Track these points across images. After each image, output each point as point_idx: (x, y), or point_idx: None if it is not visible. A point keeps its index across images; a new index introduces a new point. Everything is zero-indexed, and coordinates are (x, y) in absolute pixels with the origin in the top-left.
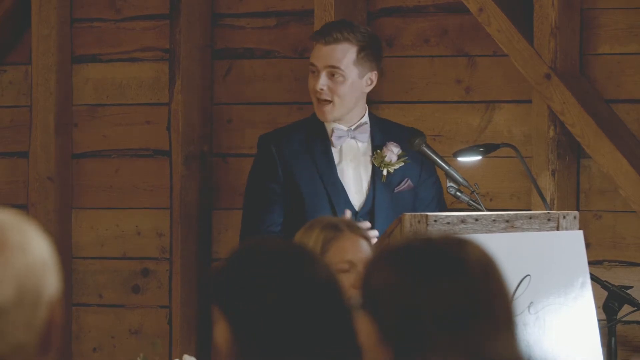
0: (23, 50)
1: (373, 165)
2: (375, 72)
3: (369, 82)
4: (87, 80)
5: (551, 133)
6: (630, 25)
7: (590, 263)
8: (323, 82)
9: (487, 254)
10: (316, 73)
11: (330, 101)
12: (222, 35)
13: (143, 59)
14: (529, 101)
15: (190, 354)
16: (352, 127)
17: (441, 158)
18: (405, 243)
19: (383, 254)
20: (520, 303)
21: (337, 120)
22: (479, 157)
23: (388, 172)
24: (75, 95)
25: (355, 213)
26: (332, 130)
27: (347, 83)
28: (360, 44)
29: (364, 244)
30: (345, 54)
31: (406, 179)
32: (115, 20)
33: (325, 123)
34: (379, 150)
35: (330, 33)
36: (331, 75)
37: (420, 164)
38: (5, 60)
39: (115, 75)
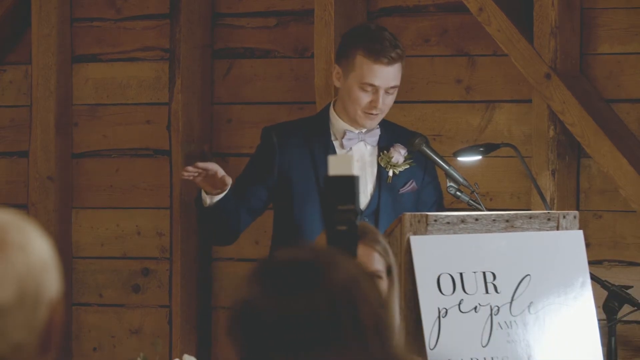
0: (23, 50)
1: (378, 166)
2: None
3: None
4: (87, 80)
5: (551, 133)
6: (630, 25)
7: (590, 263)
8: (385, 101)
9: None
10: (372, 91)
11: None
12: (222, 35)
13: (143, 58)
14: (529, 101)
15: (190, 354)
16: (364, 131)
17: (441, 158)
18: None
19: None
20: (520, 303)
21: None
22: (479, 157)
23: (394, 173)
24: (75, 95)
25: (359, 213)
26: (344, 133)
27: (395, 95)
28: (402, 58)
29: (376, 257)
30: (400, 70)
31: (411, 181)
32: (115, 20)
33: (335, 125)
34: (385, 151)
35: (390, 53)
36: (387, 92)
37: (423, 166)
38: (5, 60)
39: (115, 75)
